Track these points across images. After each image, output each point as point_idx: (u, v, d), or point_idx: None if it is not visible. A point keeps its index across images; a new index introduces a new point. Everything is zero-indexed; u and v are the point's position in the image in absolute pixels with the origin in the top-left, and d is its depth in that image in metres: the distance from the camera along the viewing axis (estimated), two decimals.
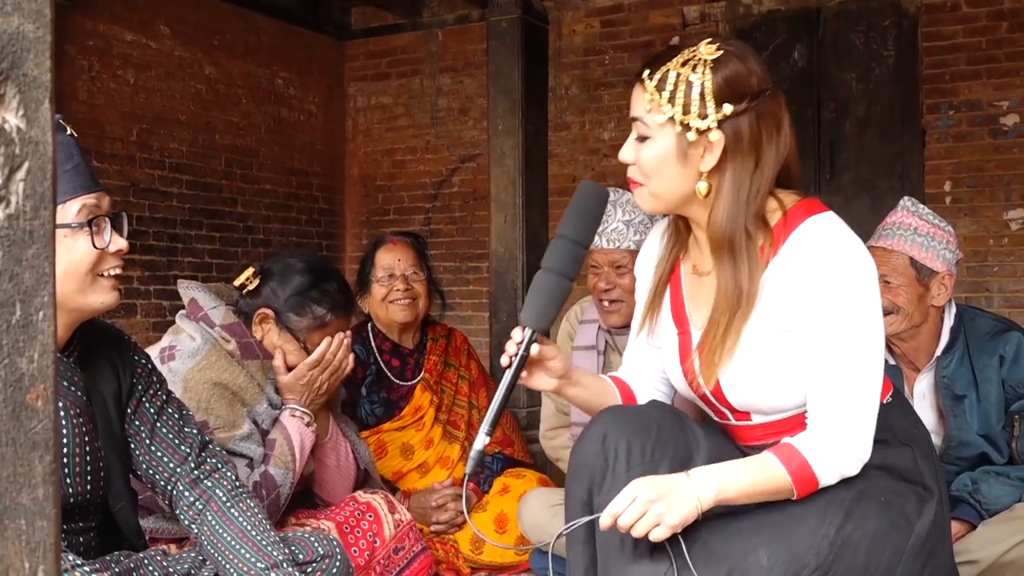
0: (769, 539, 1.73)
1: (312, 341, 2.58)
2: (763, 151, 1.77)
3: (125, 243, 1.84)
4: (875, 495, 1.78)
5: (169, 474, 1.98)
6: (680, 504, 1.68)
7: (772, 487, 1.73)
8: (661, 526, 1.66)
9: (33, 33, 0.79)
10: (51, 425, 0.82)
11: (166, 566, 1.94)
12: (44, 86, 0.80)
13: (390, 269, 3.32)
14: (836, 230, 1.77)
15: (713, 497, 1.70)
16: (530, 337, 1.83)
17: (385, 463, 3.28)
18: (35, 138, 0.80)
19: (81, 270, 1.77)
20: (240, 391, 2.48)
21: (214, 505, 1.96)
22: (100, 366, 1.92)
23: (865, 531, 1.74)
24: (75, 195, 1.77)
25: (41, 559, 0.82)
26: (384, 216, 6.97)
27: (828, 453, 1.73)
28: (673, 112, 1.74)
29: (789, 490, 1.73)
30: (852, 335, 1.73)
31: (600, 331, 3.09)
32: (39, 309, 0.81)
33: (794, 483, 1.72)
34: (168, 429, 2.00)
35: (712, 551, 1.73)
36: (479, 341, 5.84)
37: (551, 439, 3.23)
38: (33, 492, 0.81)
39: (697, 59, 1.75)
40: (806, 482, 1.73)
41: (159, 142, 5.71)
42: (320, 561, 2.01)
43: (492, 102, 4.64)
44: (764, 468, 1.73)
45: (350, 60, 7.10)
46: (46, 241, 0.81)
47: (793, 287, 1.77)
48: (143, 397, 1.99)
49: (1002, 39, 5.34)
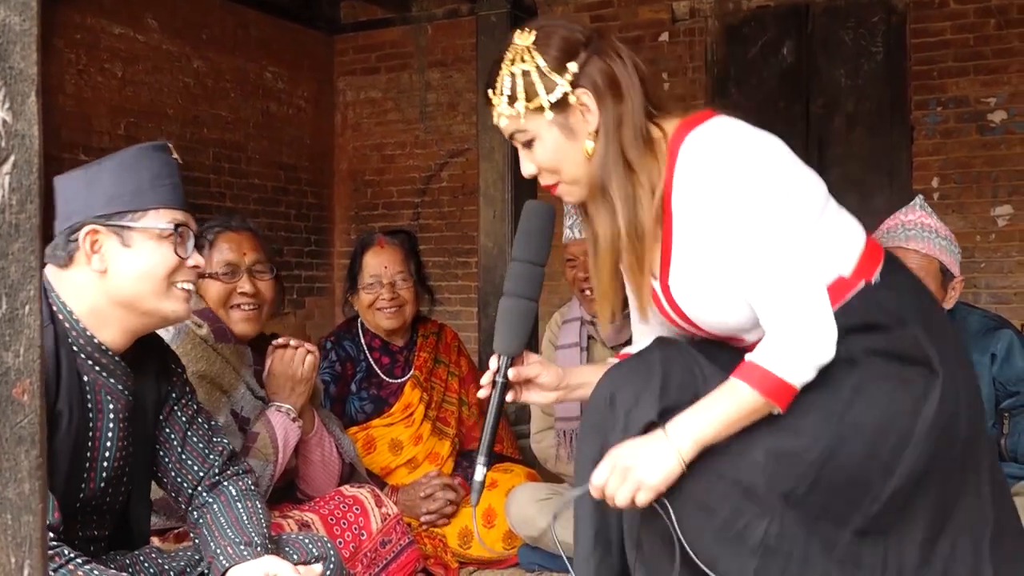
0: (767, 437, 1.70)
1: None
2: (622, 83, 1.76)
3: (202, 260, 1.94)
4: (876, 382, 1.72)
5: (196, 482, 2.01)
6: (658, 464, 1.67)
7: (748, 410, 1.69)
8: (643, 490, 1.67)
9: (19, 26, 0.79)
10: (37, 420, 0.82)
11: (161, 563, 1.95)
12: (30, 79, 0.80)
13: (377, 276, 3.28)
14: (717, 133, 1.74)
15: (691, 447, 1.68)
16: (505, 363, 1.85)
17: (373, 459, 3.28)
18: (21, 131, 0.80)
19: (159, 274, 1.83)
20: (217, 377, 2.50)
21: (223, 498, 2.00)
22: (146, 372, 1.95)
23: (867, 419, 1.69)
24: (169, 206, 1.86)
25: (27, 554, 0.82)
26: (373, 211, 6.96)
27: (786, 352, 1.68)
28: (527, 104, 1.75)
29: (767, 405, 1.69)
30: (762, 229, 1.69)
31: (583, 327, 3.11)
32: (25, 303, 0.80)
33: (767, 397, 1.67)
34: (199, 438, 2.03)
35: (708, 465, 1.71)
36: (468, 336, 5.82)
37: (539, 441, 3.25)
38: (19, 487, 0.81)
39: (517, 51, 1.77)
40: (779, 390, 1.68)
41: (147, 136, 5.68)
42: (314, 563, 2.01)
43: (481, 97, 4.63)
44: (733, 396, 1.69)
45: (339, 54, 7.08)
46: (32, 235, 0.81)
47: (695, 204, 1.74)
48: (176, 406, 2.02)
49: (989, 36, 5.36)
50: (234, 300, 2.61)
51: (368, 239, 3.42)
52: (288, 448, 2.52)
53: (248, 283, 2.62)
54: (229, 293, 2.61)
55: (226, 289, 2.60)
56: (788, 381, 1.67)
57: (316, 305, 6.84)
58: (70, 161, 4.98)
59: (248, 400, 2.58)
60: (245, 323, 2.63)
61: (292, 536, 2.08)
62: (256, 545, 1.90)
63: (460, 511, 3.26)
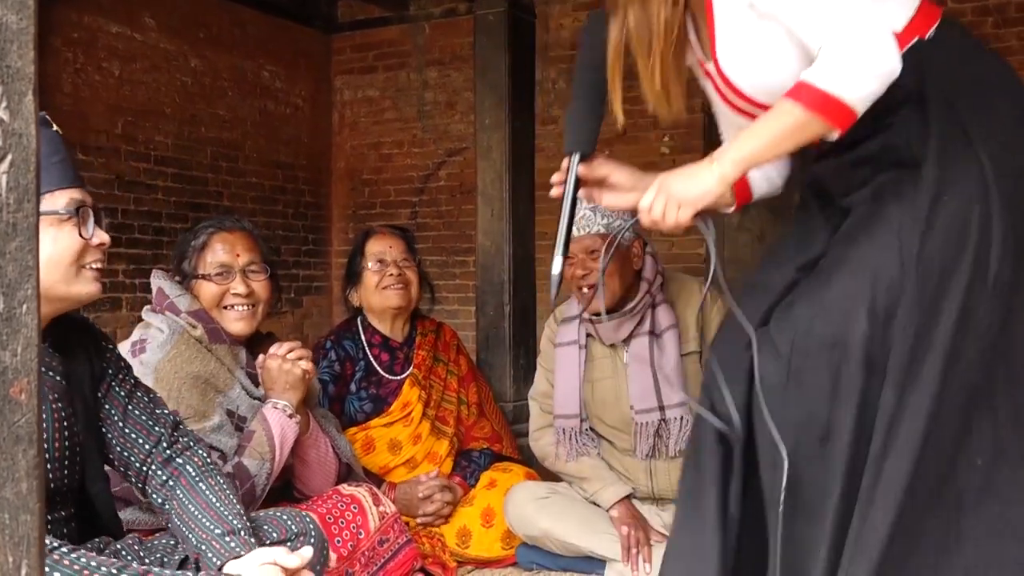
0: (841, 265, 1.70)
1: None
2: None
3: (107, 237, 1.86)
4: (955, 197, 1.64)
5: (144, 455, 1.98)
6: (697, 182, 1.73)
7: (791, 126, 1.65)
8: (684, 207, 1.73)
9: (16, 24, 0.79)
10: (35, 419, 0.82)
11: (143, 555, 1.94)
12: (27, 78, 0.80)
13: (381, 255, 3.36)
14: None
15: (731, 164, 1.71)
16: (575, 161, 1.90)
17: (373, 459, 3.28)
18: (18, 130, 0.80)
19: (66, 260, 1.78)
20: (211, 377, 2.50)
21: (184, 480, 1.97)
22: (75, 352, 1.93)
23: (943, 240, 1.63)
24: (62, 187, 1.78)
25: (25, 553, 0.82)
26: (371, 210, 6.95)
27: (832, 65, 1.61)
28: None
29: (810, 120, 1.64)
30: None
31: (581, 325, 3.11)
32: (23, 302, 0.80)
33: (811, 110, 1.62)
34: (140, 411, 2.01)
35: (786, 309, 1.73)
36: (466, 335, 5.82)
37: (537, 440, 3.25)
38: (16, 486, 0.81)
39: None
40: (824, 104, 1.62)
41: (144, 135, 5.68)
42: (295, 539, 2.00)
43: (479, 96, 4.64)
44: (776, 114, 1.67)
45: (337, 53, 7.07)
46: (30, 234, 0.81)
47: None
48: (112, 381, 2.00)
49: (987, 35, 5.35)
50: (227, 301, 2.62)
51: (368, 230, 3.52)
52: (285, 445, 2.51)
53: (242, 284, 2.63)
54: (223, 294, 2.62)
55: (220, 290, 2.61)
56: (834, 93, 1.62)
57: (314, 304, 6.84)
58: None
59: (244, 399, 2.58)
60: (239, 323, 2.63)
61: (269, 513, 2.07)
62: (239, 531, 1.88)
63: (458, 511, 3.26)
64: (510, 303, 4.54)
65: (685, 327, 3.03)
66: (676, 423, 2.97)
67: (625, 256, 2.99)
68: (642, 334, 3.01)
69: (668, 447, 3.00)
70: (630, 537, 2.91)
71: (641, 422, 2.99)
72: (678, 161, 5.73)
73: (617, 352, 3.08)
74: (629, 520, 2.96)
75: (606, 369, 3.09)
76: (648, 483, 3.08)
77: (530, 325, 4.62)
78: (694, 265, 5.77)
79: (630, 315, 3.00)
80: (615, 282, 2.95)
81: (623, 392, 3.04)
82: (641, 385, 2.99)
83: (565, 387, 3.11)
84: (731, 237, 5.87)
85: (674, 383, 2.95)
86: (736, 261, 5.84)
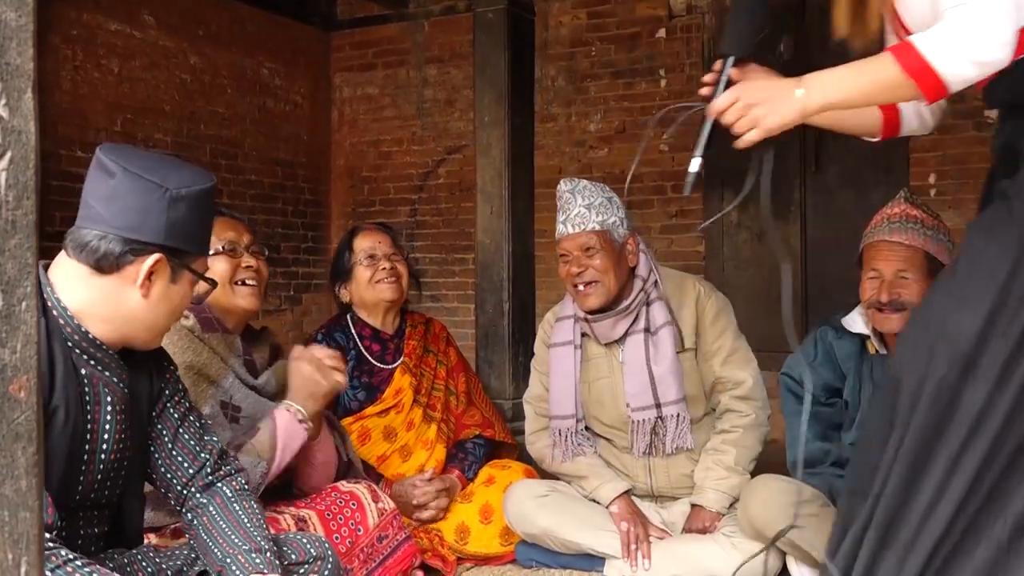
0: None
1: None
2: None
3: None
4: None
5: (187, 479, 2.01)
6: (780, 110, 1.74)
7: (885, 82, 1.69)
8: (758, 129, 1.75)
9: (15, 21, 0.79)
10: (34, 416, 0.82)
11: (159, 562, 1.95)
12: (27, 75, 0.80)
13: (372, 251, 3.40)
14: None
15: (818, 101, 1.74)
16: (728, 64, 1.90)
17: (369, 448, 3.29)
18: (17, 127, 0.79)
19: (183, 309, 2.00)
20: (204, 367, 2.50)
21: (219, 499, 1.99)
22: (139, 368, 1.96)
23: None
24: (207, 254, 2.03)
25: (24, 551, 0.82)
26: (370, 207, 6.95)
27: (942, 38, 1.65)
28: None
29: (907, 84, 1.67)
30: None
31: (576, 324, 3.10)
32: (22, 300, 0.80)
33: (908, 73, 1.65)
34: (190, 436, 2.03)
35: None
36: (465, 333, 5.83)
37: (533, 443, 3.25)
38: (16, 483, 0.81)
39: None
40: (921, 72, 1.65)
41: (144, 132, 5.67)
42: (312, 563, 2.02)
43: (478, 93, 4.64)
44: (875, 65, 1.71)
45: (336, 51, 7.07)
46: (29, 231, 0.81)
47: None
48: (168, 402, 2.02)
49: None
50: (239, 275, 2.64)
51: (354, 228, 3.57)
52: (288, 450, 2.47)
53: (252, 258, 2.66)
54: (235, 268, 2.63)
55: (232, 264, 2.63)
56: (933, 65, 1.65)
57: (313, 301, 6.83)
58: (67, 157, 4.98)
59: (238, 388, 2.56)
60: (251, 298, 2.65)
61: (290, 536, 2.07)
62: (266, 551, 1.90)
63: (457, 507, 3.26)
64: (509, 300, 4.54)
65: (681, 324, 3.03)
66: (672, 420, 2.97)
67: (620, 253, 2.99)
68: (637, 332, 3.00)
69: (665, 444, 3.00)
70: (629, 533, 2.91)
71: (637, 420, 2.99)
72: (677, 160, 5.74)
73: (613, 351, 3.08)
74: (628, 516, 2.96)
75: (602, 369, 3.09)
76: (647, 480, 3.08)
77: (529, 322, 4.63)
78: (693, 263, 5.78)
79: (625, 313, 3.00)
80: (610, 279, 2.95)
81: (620, 391, 3.04)
82: (637, 383, 2.98)
83: (561, 387, 3.10)
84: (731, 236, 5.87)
85: (670, 381, 2.95)
86: (736, 260, 5.84)
